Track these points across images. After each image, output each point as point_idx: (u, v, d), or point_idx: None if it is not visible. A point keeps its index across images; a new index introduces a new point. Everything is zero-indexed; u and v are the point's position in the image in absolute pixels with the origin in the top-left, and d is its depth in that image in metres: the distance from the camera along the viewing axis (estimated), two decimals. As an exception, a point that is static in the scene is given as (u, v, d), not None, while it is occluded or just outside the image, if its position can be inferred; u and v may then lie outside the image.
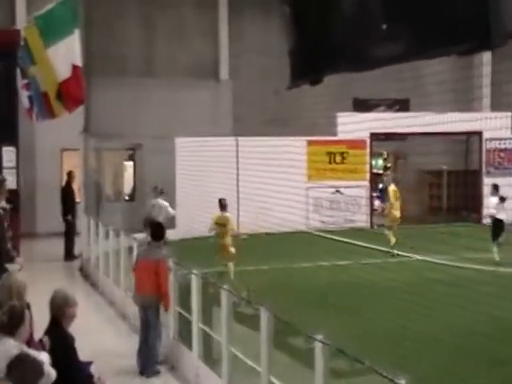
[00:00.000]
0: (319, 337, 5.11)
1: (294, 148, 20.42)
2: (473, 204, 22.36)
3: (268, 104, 22.60)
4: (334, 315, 10.10)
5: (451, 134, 21.84)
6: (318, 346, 5.11)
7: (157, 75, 22.85)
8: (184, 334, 8.42)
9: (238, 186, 20.49)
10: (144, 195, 19.36)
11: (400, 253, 15.85)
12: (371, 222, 22.11)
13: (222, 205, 12.69)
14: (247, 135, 20.72)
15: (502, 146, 23.11)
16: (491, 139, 22.57)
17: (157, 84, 22.38)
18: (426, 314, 9.30)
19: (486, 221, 17.63)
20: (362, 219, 21.55)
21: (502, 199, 15.23)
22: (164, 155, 19.81)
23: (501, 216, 14.88)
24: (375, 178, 24.90)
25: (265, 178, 19.10)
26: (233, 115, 23.23)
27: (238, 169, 20.70)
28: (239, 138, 20.86)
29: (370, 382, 4.96)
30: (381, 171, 27.77)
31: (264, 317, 6.09)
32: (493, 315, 8.78)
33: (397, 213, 17.06)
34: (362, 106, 23.59)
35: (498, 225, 14.84)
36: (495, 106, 23.37)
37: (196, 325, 7.88)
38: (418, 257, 14.91)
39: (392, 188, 17.55)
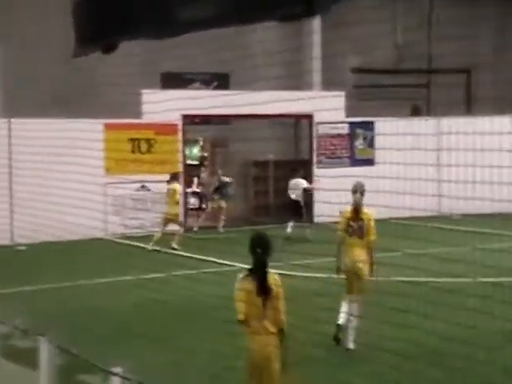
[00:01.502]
0: (117, 370, 5.03)
1: (88, 133, 19.91)
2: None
3: (53, 77, 21.86)
4: (139, 343, 9.99)
5: (278, 117, 22.53)
6: (114, 381, 5.06)
7: None
8: None
9: (10, 182, 19.69)
10: None
11: (221, 261, 16.11)
12: (185, 225, 22.23)
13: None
14: (24, 116, 19.91)
15: (335, 132, 24.25)
16: (322, 123, 23.62)
17: None
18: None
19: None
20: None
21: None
22: None
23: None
24: (190, 171, 25.09)
25: (48, 171, 18.45)
26: (3, 90, 22.19)
27: (10, 159, 19.82)
28: (12, 120, 20.04)
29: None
30: (196, 162, 28.03)
31: (44, 350, 5.90)
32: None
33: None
34: (172, 81, 23.63)
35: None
36: (327, 84, 24.53)
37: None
38: (244, 265, 15.23)
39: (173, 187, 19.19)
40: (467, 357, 7.77)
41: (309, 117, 23.22)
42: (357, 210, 9.70)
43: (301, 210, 20.40)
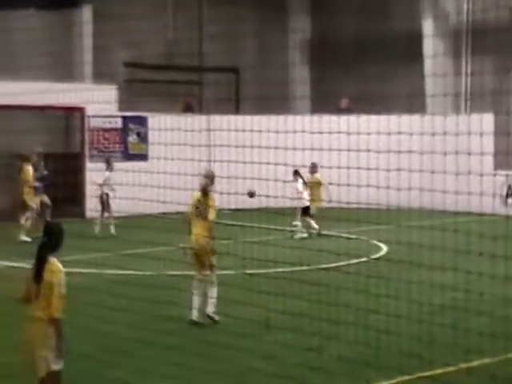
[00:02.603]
0: None
1: None
2: (74, 195, 22.67)
3: None
4: None
5: (47, 108, 21.87)
6: None
7: None
8: None
9: None
10: None
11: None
12: None
13: None
14: None
15: (107, 126, 24.00)
16: (94, 116, 23.26)
17: None
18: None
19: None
20: None
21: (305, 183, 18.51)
22: None
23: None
24: None
25: None
26: None
27: None
28: None
29: None
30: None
31: None
32: (97, 330, 9.09)
33: None
34: None
35: None
36: (98, 77, 24.17)
37: None
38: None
39: None
40: (230, 346, 8.08)
41: (80, 109, 22.77)
42: (205, 193, 10.37)
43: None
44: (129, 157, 23.55)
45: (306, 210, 18.69)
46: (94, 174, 20.38)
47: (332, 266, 12.09)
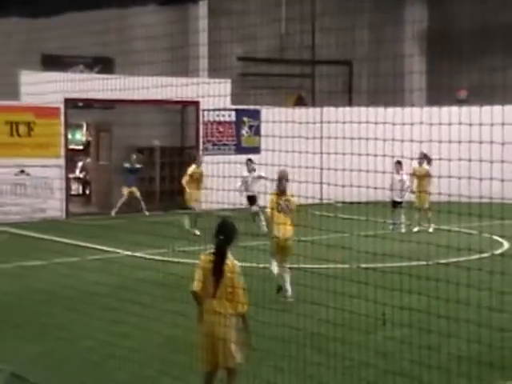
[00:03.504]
0: None
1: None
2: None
3: None
4: (16, 334, 9.64)
5: (165, 103, 22.31)
6: None
7: None
8: None
9: None
10: None
11: (105, 248, 15.86)
12: (67, 211, 21.73)
13: None
14: None
15: (221, 119, 24.23)
16: (208, 110, 23.52)
17: None
18: (139, 326, 9.33)
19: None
20: (55, 207, 21.05)
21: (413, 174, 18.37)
22: None
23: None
24: (73, 156, 24.53)
25: None
26: None
27: None
28: None
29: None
30: (80, 147, 27.43)
31: None
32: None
33: None
34: (53, 63, 22.95)
35: None
36: (213, 71, 24.42)
37: None
38: (129, 253, 15.02)
39: None
40: (343, 340, 7.92)
41: (195, 103, 23.09)
42: (282, 192, 11.74)
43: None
44: (241, 150, 23.69)
45: (397, 203, 18.41)
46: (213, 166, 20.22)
47: (451, 261, 11.71)
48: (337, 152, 11.73)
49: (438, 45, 27.65)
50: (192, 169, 19.14)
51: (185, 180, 19.16)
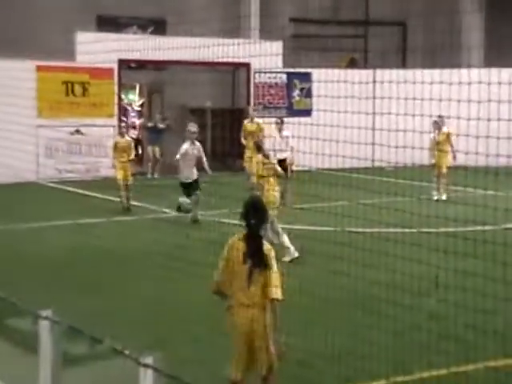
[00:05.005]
0: (46, 313, 4.90)
1: (19, 73, 19.16)
2: (238, 150, 22.79)
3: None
4: (72, 290, 9.67)
5: (215, 64, 22.03)
6: (43, 325, 4.89)
7: None
8: None
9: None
10: None
11: (157, 208, 15.85)
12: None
13: None
14: None
15: (272, 81, 23.87)
16: (260, 72, 23.21)
17: None
18: (193, 284, 9.26)
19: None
20: (109, 166, 21.06)
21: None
22: None
23: None
24: (126, 115, 24.53)
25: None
26: None
27: None
28: None
29: (112, 366, 4.74)
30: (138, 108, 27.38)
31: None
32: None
33: None
34: (108, 24, 22.84)
35: None
36: (264, 32, 24.01)
37: None
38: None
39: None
40: (394, 302, 7.73)
41: (246, 65, 22.78)
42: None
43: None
44: (293, 112, 23.36)
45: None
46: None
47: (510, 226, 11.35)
48: (390, 112, 11.45)
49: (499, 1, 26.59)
50: (245, 124, 19.47)
51: (242, 137, 19.43)
